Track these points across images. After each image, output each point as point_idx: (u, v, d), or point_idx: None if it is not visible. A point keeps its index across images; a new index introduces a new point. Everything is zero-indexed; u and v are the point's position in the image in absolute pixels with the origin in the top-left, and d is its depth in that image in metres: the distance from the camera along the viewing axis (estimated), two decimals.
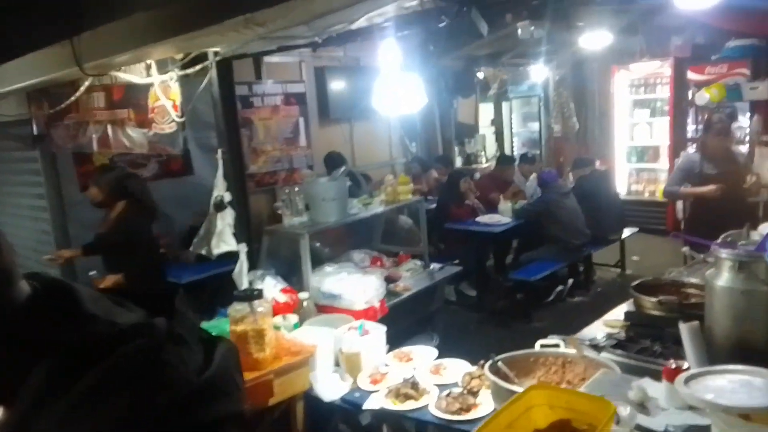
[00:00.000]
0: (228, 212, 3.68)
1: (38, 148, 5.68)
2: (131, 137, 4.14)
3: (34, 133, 5.59)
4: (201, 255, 4.18)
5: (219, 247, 3.65)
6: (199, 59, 3.77)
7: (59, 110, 4.72)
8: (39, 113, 5.14)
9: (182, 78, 3.89)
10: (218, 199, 3.67)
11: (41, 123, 5.45)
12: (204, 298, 4.78)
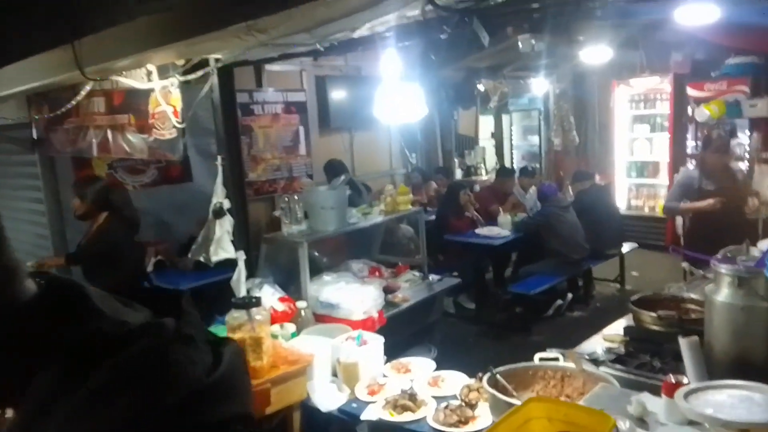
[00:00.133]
0: (227, 219, 3.67)
1: (37, 152, 5.68)
2: (131, 142, 4.13)
3: (34, 137, 5.60)
4: (199, 262, 4.17)
5: (217, 255, 3.63)
6: (200, 65, 3.77)
7: (59, 114, 4.71)
8: (39, 117, 5.14)
9: (183, 84, 3.88)
10: (217, 206, 3.65)
11: (41, 127, 5.45)
12: (202, 306, 4.75)
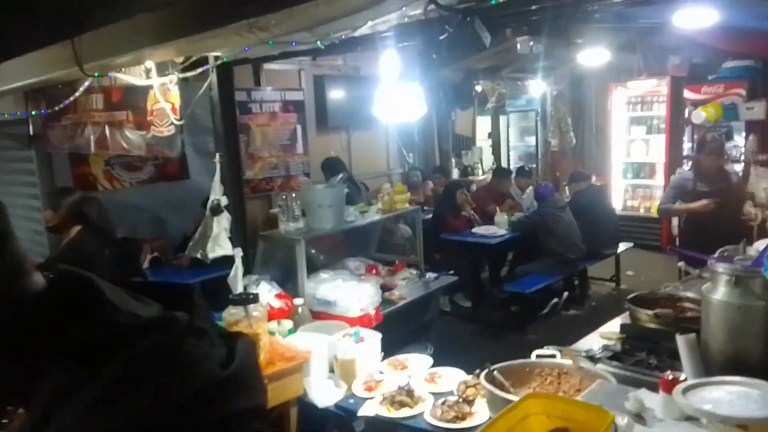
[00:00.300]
0: (224, 216, 3.67)
1: (34, 148, 5.66)
2: (129, 139, 4.13)
3: (31, 133, 5.58)
4: (195, 259, 4.17)
5: (214, 251, 3.63)
6: (199, 63, 3.77)
7: (57, 111, 4.70)
8: (36, 113, 5.12)
9: (181, 81, 3.88)
10: (215, 203, 3.66)
11: (38, 123, 5.43)
12: None
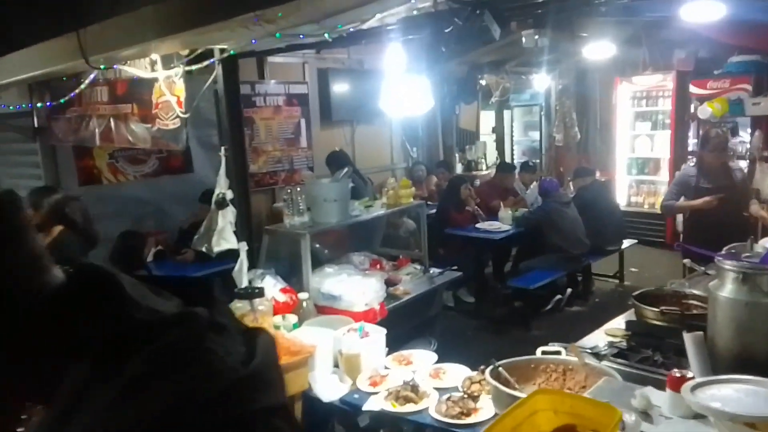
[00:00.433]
0: (229, 210, 3.67)
1: (38, 141, 5.66)
2: (134, 132, 4.12)
3: (35, 126, 5.58)
4: (200, 252, 4.17)
5: (219, 245, 3.63)
6: (204, 56, 3.75)
7: (61, 103, 4.69)
8: (42, 105, 5.12)
9: (186, 74, 3.87)
10: (220, 197, 3.65)
11: (42, 115, 5.43)
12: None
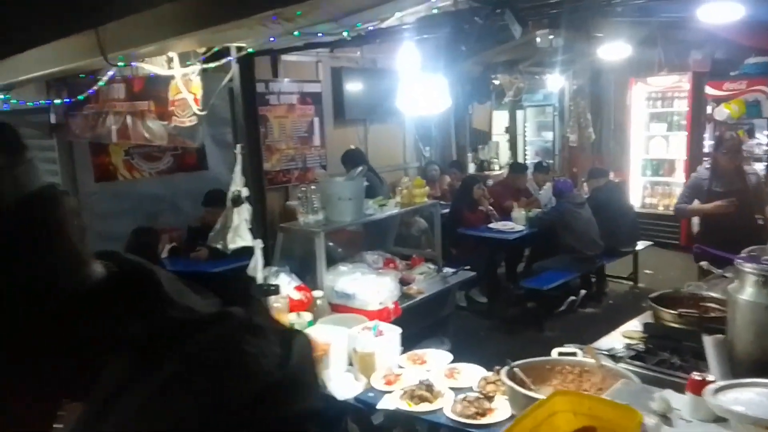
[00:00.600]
0: (245, 208, 3.67)
1: (55, 137, 5.70)
2: (151, 129, 4.14)
3: (52, 122, 5.62)
4: (214, 249, 4.18)
5: (235, 242, 3.64)
6: (221, 54, 3.77)
7: (80, 100, 4.73)
8: (60, 102, 5.16)
9: (202, 72, 3.88)
10: (236, 194, 3.66)
11: (59, 112, 5.47)
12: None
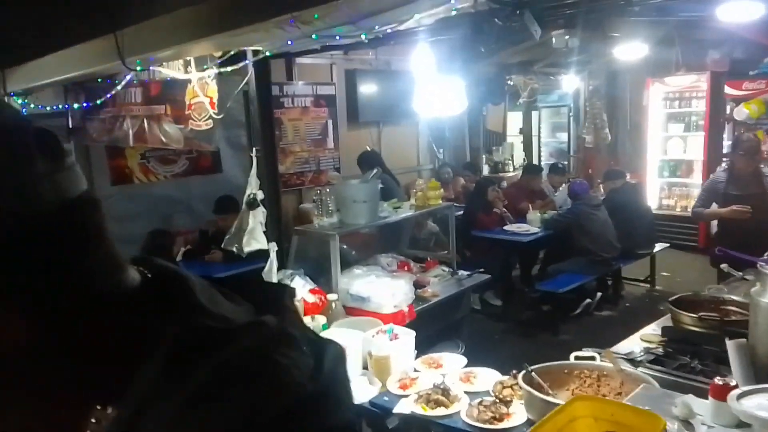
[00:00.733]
0: (260, 210, 3.69)
1: (72, 141, 5.76)
2: (168, 133, 4.17)
3: (69, 126, 5.68)
4: (229, 252, 4.19)
5: (250, 245, 3.65)
6: (237, 57, 3.78)
7: (98, 104, 4.78)
8: (78, 106, 5.21)
9: (217, 76, 3.90)
10: (251, 197, 3.67)
11: (77, 116, 5.53)
12: None
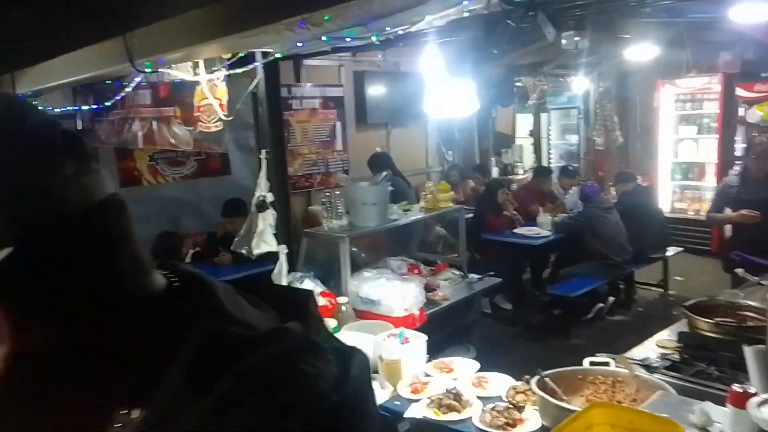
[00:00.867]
0: (269, 213, 3.67)
1: None
2: (177, 134, 4.17)
3: (78, 128, 5.69)
4: (237, 255, 4.18)
5: (259, 247, 3.64)
6: (246, 59, 3.77)
7: (107, 106, 4.78)
8: (87, 108, 5.22)
9: (227, 78, 3.89)
10: (260, 200, 3.66)
11: (86, 118, 5.54)
12: None
